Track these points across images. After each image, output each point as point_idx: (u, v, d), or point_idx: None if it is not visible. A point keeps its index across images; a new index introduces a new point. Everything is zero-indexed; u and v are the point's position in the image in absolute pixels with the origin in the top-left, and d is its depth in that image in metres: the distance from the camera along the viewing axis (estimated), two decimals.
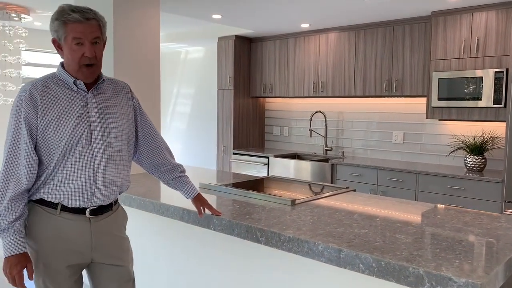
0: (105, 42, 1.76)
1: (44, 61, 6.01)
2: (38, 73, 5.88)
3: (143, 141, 1.93)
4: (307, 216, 2.05)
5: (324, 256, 1.65)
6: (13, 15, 4.64)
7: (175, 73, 7.22)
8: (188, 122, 7.05)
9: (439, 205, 2.33)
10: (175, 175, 2.00)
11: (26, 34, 4.89)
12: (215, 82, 6.50)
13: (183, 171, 2.04)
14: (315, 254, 1.67)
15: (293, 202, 2.29)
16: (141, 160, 1.96)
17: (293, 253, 1.75)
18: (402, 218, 2.04)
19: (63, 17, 1.60)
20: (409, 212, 2.17)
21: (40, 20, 5.22)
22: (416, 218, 2.06)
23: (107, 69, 3.23)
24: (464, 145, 4.04)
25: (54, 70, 1.73)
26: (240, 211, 2.14)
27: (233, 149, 5.61)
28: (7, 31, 4.78)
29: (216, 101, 6.44)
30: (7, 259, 1.56)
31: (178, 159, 7.21)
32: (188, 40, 6.03)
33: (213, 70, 6.55)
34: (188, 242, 2.47)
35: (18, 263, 1.55)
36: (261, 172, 5.24)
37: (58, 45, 1.67)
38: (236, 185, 2.73)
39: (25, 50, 5.56)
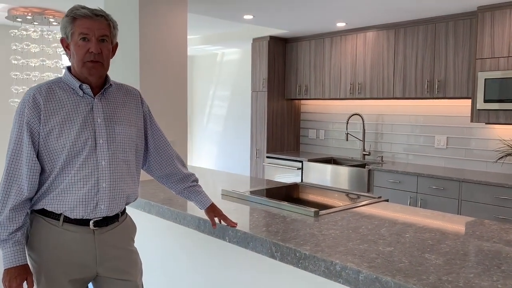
0: (115, 47, 1.69)
1: None
2: None
3: (153, 150, 1.84)
4: (329, 230, 1.89)
5: (341, 277, 1.49)
6: (51, 19, 4.74)
7: (211, 75, 7.19)
8: (224, 125, 7.00)
9: (480, 220, 2.10)
10: (187, 185, 1.91)
11: None
12: (249, 84, 6.40)
13: (196, 180, 1.94)
14: (332, 274, 1.52)
15: (316, 213, 2.13)
16: (151, 170, 1.87)
17: (309, 271, 1.60)
18: (435, 235, 1.84)
19: (72, 12, 1.57)
20: (444, 228, 1.96)
21: None
22: (452, 234, 1.85)
23: (133, 71, 3.19)
24: None
25: None
26: (258, 222, 2.01)
27: (267, 152, 5.48)
28: (46, 36, 4.89)
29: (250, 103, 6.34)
30: (6, 271, 1.50)
31: (214, 161, 7.18)
32: (224, 42, 5.97)
33: (249, 71, 6.45)
34: (206, 253, 2.37)
35: (18, 276, 1.50)
36: (295, 177, 5.08)
37: (66, 45, 1.62)
38: (259, 193, 2.60)
39: (63, 53, 5.68)
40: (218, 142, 7.13)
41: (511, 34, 3.61)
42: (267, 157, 5.46)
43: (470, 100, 4.12)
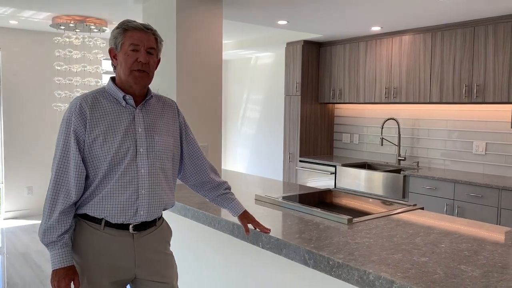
0: (159, 61, 1.76)
1: None
2: None
3: (188, 160, 1.90)
4: (363, 238, 1.89)
5: (375, 286, 1.49)
6: (92, 27, 4.92)
7: (245, 79, 7.26)
8: (257, 128, 7.05)
9: None
10: (220, 192, 1.96)
11: (104, 44, 5.17)
12: (283, 88, 6.42)
13: (228, 187, 1.99)
14: (366, 283, 1.52)
15: (349, 220, 2.13)
16: (186, 179, 1.93)
17: (342, 280, 1.61)
18: (472, 245, 1.81)
19: (124, 25, 1.68)
20: (482, 238, 1.92)
21: None
22: (490, 245, 1.81)
23: (170, 77, 3.28)
24: None
25: None
26: (291, 228, 2.03)
27: (300, 156, 5.48)
28: (87, 43, 5.08)
29: (283, 107, 6.36)
30: (55, 271, 1.59)
31: (247, 165, 7.24)
32: (258, 46, 6.02)
33: (282, 75, 6.47)
34: (238, 257, 2.41)
35: (66, 276, 1.58)
36: (328, 181, 5.06)
37: (113, 55, 1.71)
38: (292, 199, 2.62)
39: (104, 59, 5.87)
40: (251, 146, 7.18)
41: None
42: (300, 161, 5.46)
43: (510, 105, 3.99)
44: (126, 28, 1.66)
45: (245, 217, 1.94)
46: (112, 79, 1.73)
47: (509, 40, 3.85)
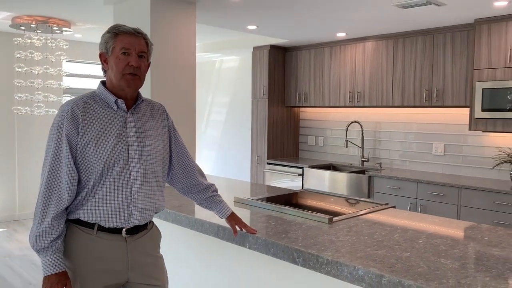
0: (149, 65, 1.77)
1: (84, 72, 6.18)
2: (79, 83, 6.05)
3: (176, 163, 1.92)
4: (345, 236, 1.98)
5: (364, 281, 1.58)
6: (55, 28, 4.79)
7: (209, 82, 7.27)
8: (222, 131, 7.08)
9: (485, 225, 2.21)
10: (208, 195, 1.99)
11: (67, 46, 5.04)
12: (249, 91, 6.49)
13: (216, 190, 2.02)
14: (355, 278, 1.60)
15: (330, 220, 2.22)
16: (174, 182, 1.95)
17: (331, 276, 1.68)
18: (446, 240, 1.94)
19: (115, 29, 1.68)
20: (453, 233, 2.06)
21: (80, 32, 5.37)
22: (462, 239, 1.95)
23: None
24: (510, 158, 3.84)
25: (94, 80, 1.77)
26: (276, 228, 2.09)
27: (267, 159, 5.57)
28: (49, 44, 4.94)
29: (250, 110, 6.43)
30: (47, 277, 1.56)
31: (212, 167, 7.24)
32: (223, 49, 6.06)
33: (248, 79, 6.54)
34: (223, 259, 2.44)
35: (58, 282, 1.56)
36: (295, 183, 5.17)
37: (104, 59, 1.70)
38: (271, 200, 2.68)
39: (67, 61, 5.72)
40: (217, 148, 7.20)
41: (507, 46, 3.75)
42: (268, 163, 5.54)
43: (467, 109, 4.25)
44: (117, 33, 1.67)
45: (233, 218, 1.98)
46: (103, 83, 1.73)
47: (466, 47, 4.10)
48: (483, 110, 3.86)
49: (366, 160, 5.13)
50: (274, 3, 3.59)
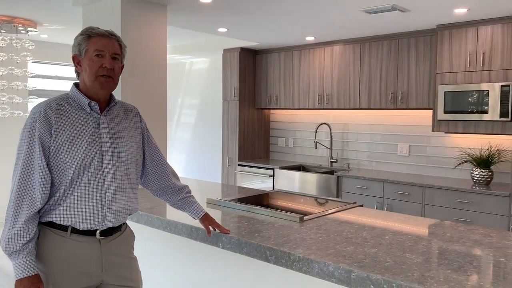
0: (123, 67, 1.78)
1: (51, 73, 6.05)
2: (45, 85, 5.91)
3: (150, 165, 1.93)
4: (316, 234, 2.04)
5: (334, 276, 1.64)
6: (20, 28, 4.68)
7: (179, 84, 7.25)
8: (193, 133, 7.07)
9: (448, 222, 2.32)
10: (182, 196, 2.01)
11: (33, 46, 4.93)
12: (220, 93, 6.52)
13: (189, 191, 2.05)
14: (326, 274, 1.67)
15: (301, 219, 2.28)
16: (147, 183, 1.96)
17: (303, 273, 1.74)
18: (411, 236, 2.03)
19: (88, 31, 1.69)
20: (418, 229, 2.16)
21: (47, 33, 5.26)
22: (425, 235, 2.05)
23: None
24: (471, 158, 4.03)
25: (61, 81, 1.77)
26: (249, 228, 2.13)
27: (238, 160, 5.61)
28: (14, 44, 4.82)
29: (221, 112, 6.46)
30: (20, 281, 1.54)
31: (183, 169, 7.22)
32: (193, 51, 6.06)
33: (218, 81, 6.57)
34: (196, 259, 2.47)
35: (31, 285, 1.54)
36: (266, 184, 5.23)
37: (77, 61, 1.71)
38: (243, 200, 2.72)
39: (32, 62, 5.59)
40: (187, 150, 7.18)
41: (467, 51, 3.94)
42: (239, 165, 5.58)
43: (430, 111, 4.43)
44: (90, 35, 1.68)
45: (206, 219, 2.01)
46: (76, 85, 1.73)
47: (429, 52, 4.27)
48: (445, 112, 4.04)
49: (335, 161, 5.25)
50: (244, 7, 3.64)
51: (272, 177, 5.19)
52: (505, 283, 1.47)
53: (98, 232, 1.67)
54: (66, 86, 5.99)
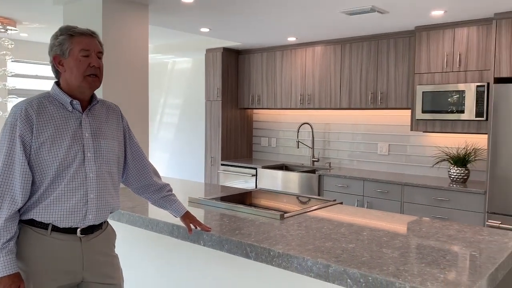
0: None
1: (31, 72, 5.98)
2: (25, 84, 5.84)
3: (131, 163, 1.95)
4: (296, 231, 2.08)
5: (313, 271, 1.68)
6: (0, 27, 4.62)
7: (162, 83, 7.24)
8: (176, 133, 7.06)
9: (424, 218, 2.39)
10: (163, 195, 2.02)
11: (13, 45, 4.87)
12: (202, 92, 6.53)
13: (170, 190, 2.06)
14: (304, 269, 1.71)
15: (282, 216, 2.32)
16: (128, 182, 1.98)
17: (282, 268, 1.78)
18: (388, 232, 2.09)
19: (70, 31, 1.68)
20: (395, 226, 2.22)
21: (27, 31, 5.20)
22: (402, 231, 2.11)
23: None
24: (448, 157, 4.13)
25: (41, 81, 1.77)
26: (230, 226, 2.16)
27: (221, 160, 5.63)
28: None
29: (204, 112, 6.47)
30: (0, 280, 1.55)
31: (166, 169, 7.21)
32: (175, 51, 6.06)
33: (201, 81, 6.58)
34: (177, 257, 2.49)
35: (12, 284, 1.54)
36: (249, 183, 5.27)
37: (59, 62, 1.69)
38: (225, 199, 2.75)
39: (12, 61, 5.52)
40: (170, 150, 7.17)
41: (444, 52, 4.03)
42: (222, 164, 5.60)
43: (409, 111, 4.52)
44: (72, 34, 1.67)
45: (187, 217, 2.04)
46: (57, 83, 1.73)
47: (408, 53, 4.37)
48: (423, 112, 4.13)
49: (317, 160, 5.31)
50: (226, 7, 3.66)
51: (255, 177, 5.23)
52: (476, 275, 1.53)
53: (79, 230, 1.68)
54: (46, 86, 5.92)
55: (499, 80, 3.67)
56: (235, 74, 5.82)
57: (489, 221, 3.59)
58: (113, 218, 2.53)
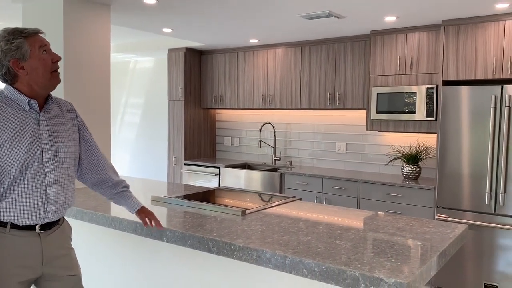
0: None
1: None
2: None
3: (85, 159, 1.98)
4: (256, 226, 2.19)
5: (271, 262, 1.79)
6: None
7: (124, 83, 7.18)
8: (138, 132, 7.03)
9: (377, 212, 2.55)
10: (118, 190, 2.06)
11: None
12: (165, 92, 6.54)
13: (126, 186, 2.11)
14: (263, 261, 1.81)
15: (243, 212, 2.42)
16: (83, 177, 2.01)
17: (243, 261, 1.88)
18: (342, 225, 2.23)
19: (23, 33, 1.68)
20: (349, 220, 2.36)
21: None
22: (356, 224, 2.25)
23: None
24: (401, 155, 4.36)
25: None
26: (193, 222, 2.24)
27: (184, 159, 5.67)
28: None
29: (166, 112, 6.49)
30: None
31: (128, 169, 7.16)
32: (138, 50, 6.04)
33: (163, 80, 6.59)
34: (141, 254, 2.54)
35: None
36: (212, 182, 5.34)
37: (18, 65, 1.67)
38: (188, 197, 2.82)
39: None
40: (132, 150, 7.13)
41: (397, 56, 4.25)
42: (185, 164, 5.65)
43: (365, 111, 4.73)
44: (26, 36, 1.68)
45: (143, 211, 2.08)
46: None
47: (364, 56, 4.57)
48: (377, 112, 4.33)
49: (278, 159, 5.45)
50: (188, 9, 3.72)
51: (218, 176, 5.31)
52: (419, 263, 1.68)
53: (38, 226, 1.72)
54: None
55: (447, 83, 3.92)
56: (198, 74, 5.88)
57: (438, 215, 3.83)
58: (76, 217, 2.55)
